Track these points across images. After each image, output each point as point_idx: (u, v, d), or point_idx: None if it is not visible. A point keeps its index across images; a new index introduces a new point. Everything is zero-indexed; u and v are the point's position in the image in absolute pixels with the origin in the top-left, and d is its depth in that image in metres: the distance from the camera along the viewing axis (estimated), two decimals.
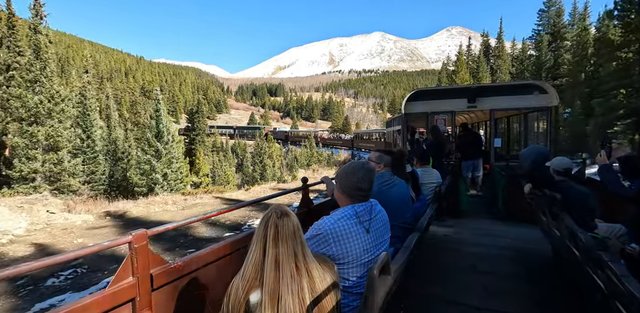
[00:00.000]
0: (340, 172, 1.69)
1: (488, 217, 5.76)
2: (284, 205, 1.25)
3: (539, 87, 6.64)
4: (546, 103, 6.50)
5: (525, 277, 3.12)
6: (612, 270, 1.62)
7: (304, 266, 1.13)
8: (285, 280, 1.07)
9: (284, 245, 1.10)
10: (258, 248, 1.12)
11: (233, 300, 1.08)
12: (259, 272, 1.09)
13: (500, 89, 7.16)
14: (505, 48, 31.41)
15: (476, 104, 6.95)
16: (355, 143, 41.92)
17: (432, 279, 3.09)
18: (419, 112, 7.54)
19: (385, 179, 2.41)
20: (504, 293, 2.81)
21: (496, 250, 3.87)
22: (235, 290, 1.09)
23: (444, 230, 4.79)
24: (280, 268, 1.08)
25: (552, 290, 2.84)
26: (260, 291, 1.07)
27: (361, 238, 1.52)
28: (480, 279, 3.07)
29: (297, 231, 1.15)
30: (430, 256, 3.61)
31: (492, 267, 3.36)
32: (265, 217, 1.16)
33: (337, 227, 1.49)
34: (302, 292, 1.08)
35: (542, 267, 3.33)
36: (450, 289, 2.88)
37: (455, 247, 4.05)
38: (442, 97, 7.31)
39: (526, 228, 4.61)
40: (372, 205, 1.65)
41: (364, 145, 37.20)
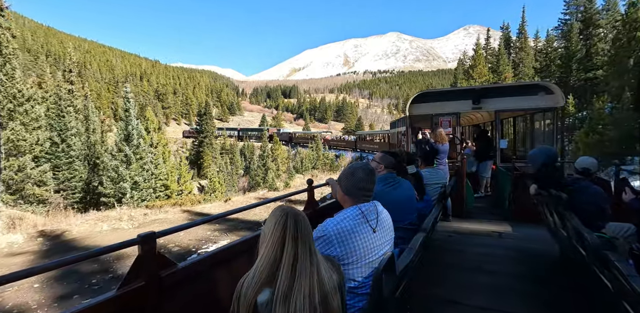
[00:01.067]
0: (343, 173, 1.71)
1: (494, 217, 5.70)
2: (291, 206, 1.26)
3: (544, 87, 6.51)
4: (552, 103, 6.39)
5: (531, 277, 3.10)
6: (619, 270, 1.61)
7: (315, 265, 1.14)
8: (299, 279, 1.09)
9: (302, 244, 1.13)
10: (275, 247, 1.12)
11: (244, 300, 1.08)
12: (275, 271, 1.10)
13: (505, 90, 7.06)
14: (528, 40, 28.54)
15: (481, 105, 6.85)
16: (359, 144, 41.64)
17: (437, 280, 3.07)
18: (424, 113, 7.39)
19: (389, 180, 2.42)
20: (510, 293, 2.78)
21: (502, 251, 3.87)
22: (246, 289, 1.09)
23: (449, 231, 4.73)
24: (297, 267, 1.10)
25: (559, 290, 2.82)
26: (269, 290, 1.08)
27: (367, 237, 1.52)
28: (486, 280, 3.05)
29: (311, 231, 1.19)
30: (436, 256, 3.62)
31: (498, 268, 3.34)
32: (281, 217, 1.16)
33: (342, 227, 1.50)
34: (312, 291, 1.09)
35: (549, 267, 3.32)
36: (456, 290, 2.87)
37: (461, 247, 4.02)
38: (447, 99, 7.21)
39: (532, 229, 4.63)
40: (375, 206, 1.65)
41: (367, 147, 36.97)
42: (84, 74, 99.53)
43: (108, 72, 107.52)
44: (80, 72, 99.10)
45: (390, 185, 2.39)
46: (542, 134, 7.47)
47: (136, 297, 1.45)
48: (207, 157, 48.82)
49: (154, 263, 1.54)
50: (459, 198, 5.47)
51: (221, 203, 11.12)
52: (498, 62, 26.24)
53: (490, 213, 5.99)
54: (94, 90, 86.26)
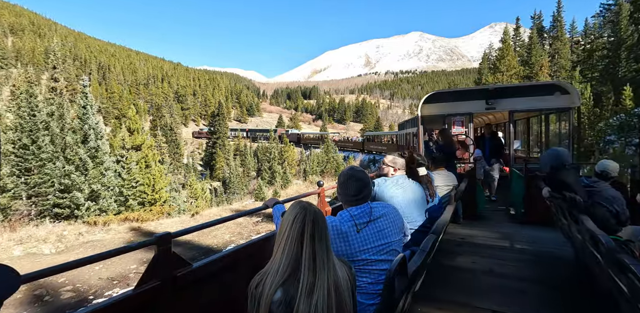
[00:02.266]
0: (338, 179, 1.77)
1: (506, 220, 5.62)
2: (309, 202, 1.26)
3: (560, 87, 6.43)
4: (568, 104, 6.32)
5: (544, 281, 3.05)
6: (635, 274, 1.60)
7: (331, 263, 1.15)
8: (320, 275, 1.09)
9: (319, 241, 1.14)
10: (295, 244, 1.12)
11: (266, 298, 1.07)
12: (296, 268, 1.10)
13: (520, 90, 6.99)
14: (564, 29, 25.15)
15: (495, 106, 6.78)
16: (366, 146, 41.22)
17: (448, 282, 3.05)
18: (436, 114, 7.31)
19: (397, 182, 2.43)
20: (522, 297, 2.75)
21: (514, 254, 3.84)
22: (269, 288, 1.08)
23: (460, 233, 4.67)
24: (317, 261, 1.11)
25: (573, 294, 2.79)
26: (282, 289, 1.08)
27: (352, 239, 1.55)
28: (498, 283, 3.04)
29: (327, 228, 1.20)
30: (447, 259, 3.59)
31: (510, 271, 3.30)
32: (299, 213, 1.17)
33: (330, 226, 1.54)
34: (330, 288, 1.10)
35: (563, 271, 3.28)
36: (467, 292, 2.85)
37: (472, 250, 3.98)
38: (460, 99, 7.13)
39: (546, 232, 4.56)
40: (370, 208, 1.67)
41: (375, 148, 36.49)
42: (107, 76, 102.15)
43: (130, 74, 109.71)
44: (105, 75, 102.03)
45: (398, 187, 2.38)
46: (557, 134, 7.32)
47: (152, 296, 1.49)
48: (220, 159, 47.70)
49: (169, 263, 1.57)
50: (470, 201, 5.39)
51: (186, 218, 9.25)
52: (530, 52, 22.99)
53: (502, 215, 5.93)
54: (116, 92, 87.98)
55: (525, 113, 7.96)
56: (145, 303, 1.45)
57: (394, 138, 29.53)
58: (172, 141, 43.76)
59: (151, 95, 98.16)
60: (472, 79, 41.54)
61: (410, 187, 2.44)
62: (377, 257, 1.57)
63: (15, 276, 0.65)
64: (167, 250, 1.55)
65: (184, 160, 52.65)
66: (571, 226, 2.86)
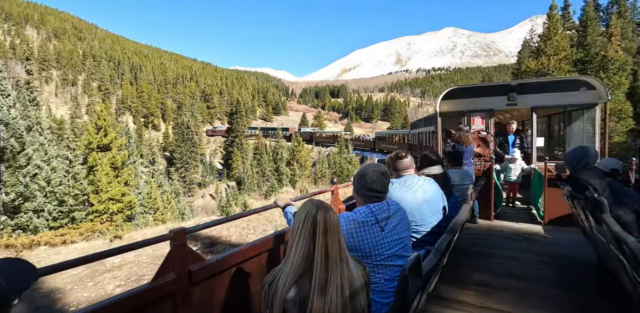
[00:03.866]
0: (355, 175, 1.74)
1: (526, 220, 5.48)
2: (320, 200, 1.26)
3: (586, 82, 6.22)
4: (594, 99, 6.11)
5: (565, 284, 2.96)
6: None
7: (345, 261, 1.16)
8: (332, 270, 1.10)
9: (332, 237, 1.14)
10: (308, 242, 1.13)
11: (280, 296, 1.08)
12: (309, 266, 1.10)
13: (543, 85, 6.71)
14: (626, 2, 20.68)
15: (516, 102, 6.61)
16: (377, 144, 40.72)
17: (463, 282, 2.98)
18: (455, 110, 7.11)
19: (404, 184, 2.37)
20: (541, 300, 2.66)
21: (533, 255, 3.72)
22: (282, 286, 1.09)
23: (477, 233, 4.60)
24: (330, 259, 1.11)
25: (595, 298, 2.68)
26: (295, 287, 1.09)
27: (375, 235, 1.56)
28: (515, 285, 2.95)
29: (339, 224, 1.21)
30: (463, 259, 3.54)
31: (529, 273, 3.20)
32: (310, 212, 1.16)
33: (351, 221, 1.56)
34: (344, 285, 1.10)
35: (584, 274, 3.19)
36: (482, 293, 2.78)
37: (489, 250, 3.91)
38: (480, 95, 6.94)
39: (567, 233, 4.49)
40: (388, 205, 1.68)
41: (386, 147, 36.26)
42: (138, 76, 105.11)
43: (160, 74, 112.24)
44: (136, 75, 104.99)
45: (408, 189, 2.32)
46: (582, 132, 6.91)
47: (168, 289, 1.53)
48: (237, 158, 46.31)
49: (185, 258, 1.60)
50: (487, 200, 5.26)
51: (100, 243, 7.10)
52: (585, 30, 18.68)
53: (522, 215, 5.77)
54: (145, 91, 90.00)
55: (548, 109, 7.70)
56: (161, 295, 1.49)
57: (406, 137, 29.38)
58: (188, 140, 42.79)
59: (178, 94, 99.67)
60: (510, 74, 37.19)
61: (420, 187, 2.33)
62: (393, 252, 1.57)
63: (33, 269, 0.75)
64: (182, 245, 1.57)
65: (205, 158, 52.06)
66: (593, 227, 2.72)
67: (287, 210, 2.15)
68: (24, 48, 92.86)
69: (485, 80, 54.85)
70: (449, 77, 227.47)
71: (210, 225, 1.94)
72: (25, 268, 0.71)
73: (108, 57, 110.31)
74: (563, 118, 7.94)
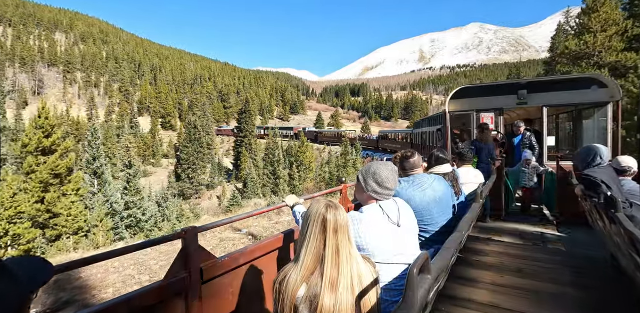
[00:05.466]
0: (363, 172, 1.69)
1: (537, 219, 5.48)
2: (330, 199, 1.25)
3: (597, 80, 6.10)
4: (606, 97, 5.97)
5: (577, 284, 2.90)
6: None
7: (354, 258, 1.16)
8: (342, 268, 1.11)
9: (342, 235, 1.15)
10: (318, 240, 1.13)
11: (288, 294, 1.09)
12: (319, 262, 1.12)
13: (553, 83, 6.58)
14: None
15: (526, 100, 6.50)
16: (380, 143, 40.43)
17: (474, 281, 2.94)
18: (464, 110, 7.08)
19: (413, 182, 2.31)
20: (553, 300, 2.60)
21: (545, 255, 3.69)
22: (292, 286, 1.10)
23: (488, 232, 4.58)
24: (340, 257, 1.12)
25: (609, 299, 2.62)
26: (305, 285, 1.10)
27: (388, 232, 1.54)
28: (527, 284, 2.89)
29: (348, 221, 1.21)
30: (473, 258, 3.50)
31: (541, 272, 3.16)
32: (320, 211, 1.17)
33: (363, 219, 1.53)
34: (353, 282, 1.11)
35: (598, 274, 3.11)
36: (493, 293, 2.73)
37: (500, 249, 3.86)
38: (489, 94, 6.88)
39: (579, 232, 4.49)
40: (396, 203, 1.67)
41: (389, 146, 35.80)
42: (157, 77, 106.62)
43: (179, 74, 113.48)
44: (156, 76, 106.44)
45: (417, 187, 2.26)
46: (593, 130, 6.82)
47: (179, 286, 1.54)
48: (245, 158, 44.73)
49: (196, 255, 1.61)
50: (498, 199, 5.29)
51: None
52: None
53: (533, 214, 5.79)
54: (163, 91, 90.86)
55: (555, 109, 7.51)
56: (173, 293, 1.52)
57: (409, 136, 28.62)
58: (195, 139, 41.67)
59: (195, 94, 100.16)
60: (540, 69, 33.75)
61: (430, 186, 2.26)
62: (401, 250, 1.57)
63: (49, 265, 0.78)
64: (193, 243, 1.59)
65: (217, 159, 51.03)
66: (606, 226, 2.72)
67: (296, 209, 2.11)
68: (51, 51, 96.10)
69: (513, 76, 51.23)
70: (474, 74, 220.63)
71: (225, 222, 1.96)
72: (42, 264, 0.75)
73: (130, 59, 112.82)
74: (572, 116, 7.78)
